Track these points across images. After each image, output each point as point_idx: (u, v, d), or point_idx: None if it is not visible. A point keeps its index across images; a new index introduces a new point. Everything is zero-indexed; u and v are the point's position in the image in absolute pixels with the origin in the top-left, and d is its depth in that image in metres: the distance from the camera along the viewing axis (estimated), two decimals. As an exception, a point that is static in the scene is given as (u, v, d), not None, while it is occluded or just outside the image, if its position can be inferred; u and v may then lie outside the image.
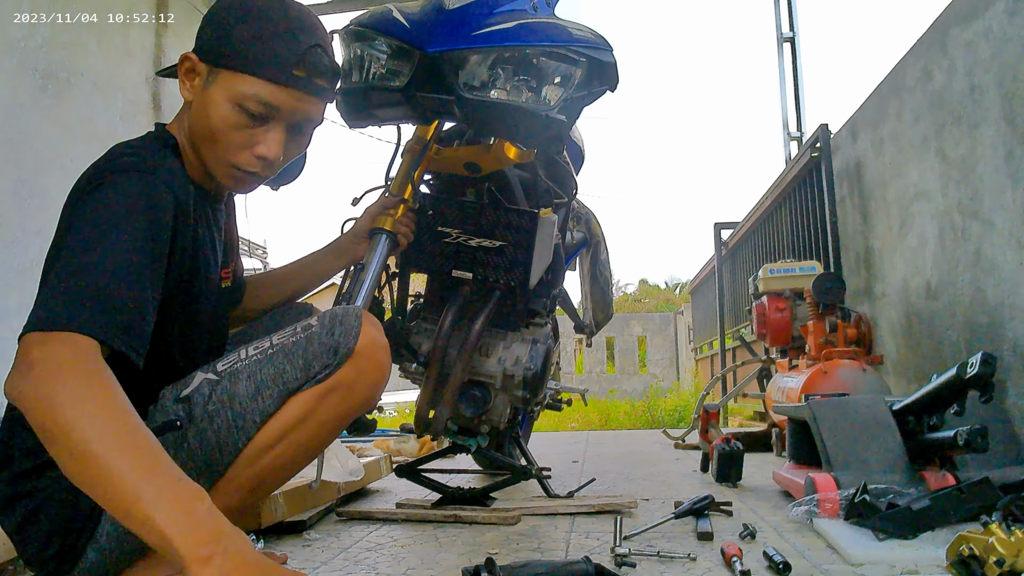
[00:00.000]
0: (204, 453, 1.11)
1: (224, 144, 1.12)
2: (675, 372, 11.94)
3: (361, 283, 1.47)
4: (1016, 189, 2.17)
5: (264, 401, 1.13)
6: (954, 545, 1.15)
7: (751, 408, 5.46)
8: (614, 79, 1.46)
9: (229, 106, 1.09)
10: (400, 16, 1.43)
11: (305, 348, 1.15)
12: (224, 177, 1.16)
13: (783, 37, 5.74)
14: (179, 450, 1.09)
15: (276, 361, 1.14)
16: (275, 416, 1.14)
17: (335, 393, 1.15)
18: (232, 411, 1.12)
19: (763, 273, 3.54)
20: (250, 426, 1.12)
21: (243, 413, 1.12)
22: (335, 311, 1.20)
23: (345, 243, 1.58)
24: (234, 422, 1.12)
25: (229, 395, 1.12)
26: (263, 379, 1.13)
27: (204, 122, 1.11)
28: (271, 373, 1.13)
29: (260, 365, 1.14)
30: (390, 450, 3.09)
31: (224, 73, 1.09)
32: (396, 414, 7.81)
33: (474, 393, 1.78)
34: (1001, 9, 2.22)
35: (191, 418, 1.10)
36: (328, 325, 1.17)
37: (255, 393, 1.13)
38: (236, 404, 1.12)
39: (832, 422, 1.91)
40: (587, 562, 1.20)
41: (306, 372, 1.14)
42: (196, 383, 1.13)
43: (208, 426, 1.11)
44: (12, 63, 2.81)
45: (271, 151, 1.13)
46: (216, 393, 1.12)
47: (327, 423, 1.17)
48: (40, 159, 2.90)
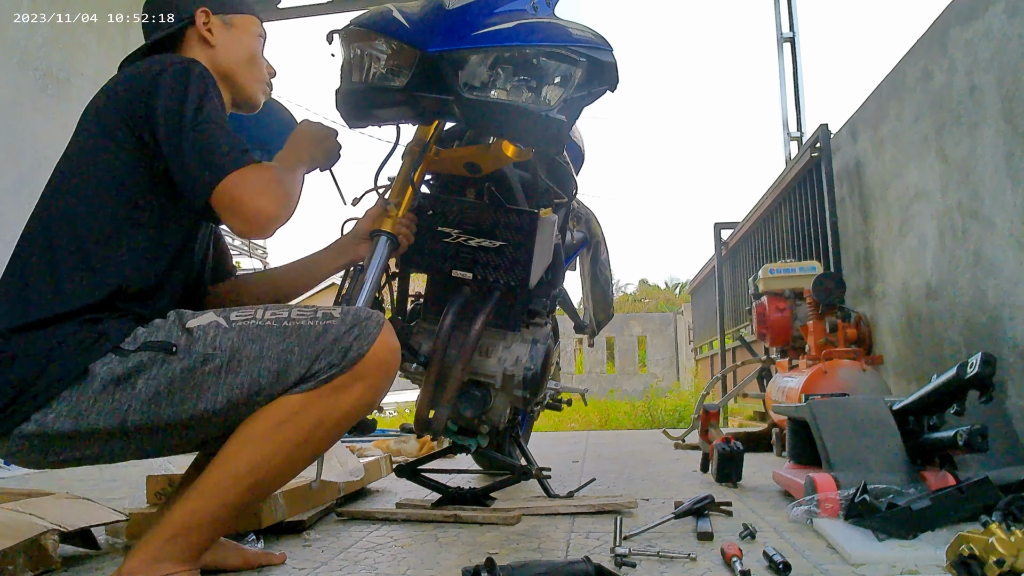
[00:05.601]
0: (179, 387, 1.11)
1: (258, 66, 1.45)
2: (675, 372, 11.94)
3: (361, 284, 1.47)
4: (1016, 189, 2.17)
5: (260, 372, 1.13)
6: (954, 545, 1.15)
7: (751, 408, 5.46)
8: (614, 79, 1.46)
9: (254, 38, 1.44)
10: (400, 16, 1.43)
11: (319, 337, 1.15)
12: (259, 93, 1.46)
13: (783, 37, 5.74)
14: (159, 370, 1.10)
15: (288, 338, 1.15)
16: (273, 410, 1.14)
17: (336, 395, 1.15)
18: (227, 365, 1.12)
19: (763, 273, 3.54)
20: (236, 389, 1.12)
21: (236, 372, 1.12)
22: (360, 312, 1.20)
23: (345, 244, 1.58)
24: (223, 376, 1.12)
25: (232, 349, 1.13)
26: (268, 349, 1.13)
27: (241, 53, 1.41)
28: (278, 349, 1.14)
29: (271, 334, 1.14)
30: (390, 450, 3.09)
31: (237, 17, 1.43)
32: (396, 414, 7.82)
33: (474, 393, 1.78)
34: (1001, 9, 2.22)
35: (187, 350, 1.12)
36: (349, 324, 1.17)
37: (255, 360, 1.13)
38: (233, 361, 1.12)
39: (832, 422, 1.91)
40: (587, 562, 1.20)
41: (311, 363, 1.14)
42: (205, 320, 1.15)
43: (198, 366, 1.11)
44: (12, 63, 2.81)
45: (272, 68, 1.50)
46: (220, 339, 1.13)
47: (325, 424, 1.17)
48: (40, 158, 2.90)
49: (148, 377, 1.11)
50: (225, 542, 1.41)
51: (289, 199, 1.19)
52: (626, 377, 11.99)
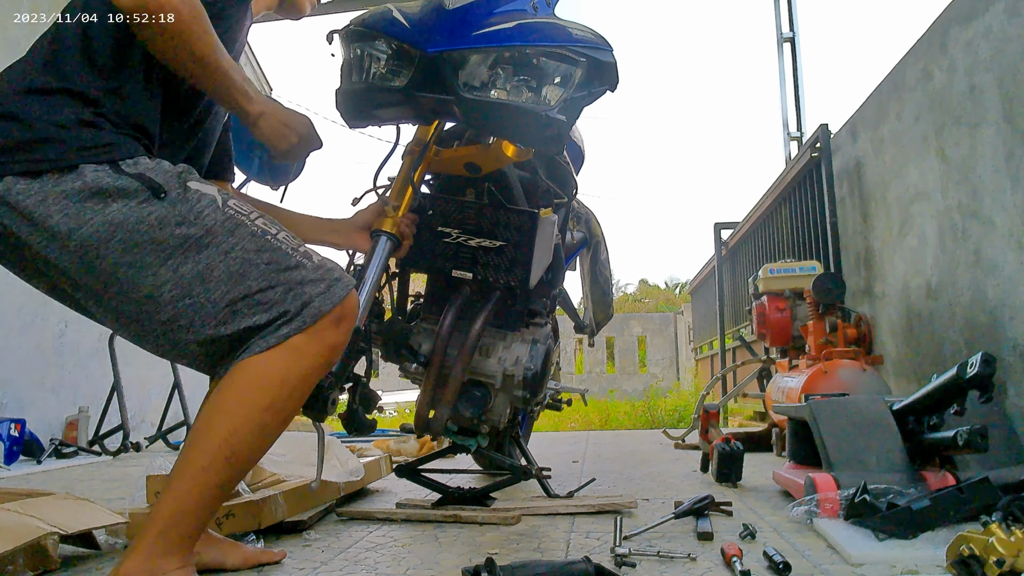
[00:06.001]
0: (142, 232, 1.10)
1: None
2: (675, 372, 11.94)
3: (362, 285, 1.47)
4: (1016, 189, 2.17)
5: (220, 265, 1.11)
6: (954, 545, 1.15)
7: (751, 408, 5.46)
8: (614, 79, 1.46)
9: None
10: (400, 16, 1.43)
11: (288, 270, 1.14)
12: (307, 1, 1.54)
13: (783, 37, 5.75)
14: (137, 205, 1.10)
15: (262, 252, 1.14)
16: (235, 377, 1.12)
17: (295, 354, 1.13)
18: (197, 241, 1.11)
19: (763, 273, 3.54)
20: (189, 266, 1.10)
21: (199, 252, 1.11)
22: (334, 270, 1.19)
23: (343, 225, 1.58)
24: (187, 250, 1.10)
25: (210, 230, 1.12)
26: (239, 250, 1.13)
27: None
28: (247, 254, 1.13)
29: (251, 239, 1.14)
30: (390, 450, 3.09)
31: None
32: (396, 414, 7.82)
33: (474, 393, 1.78)
34: (1001, 9, 2.23)
35: (173, 204, 1.11)
36: (319, 275, 1.16)
37: (223, 251, 1.12)
38: (204, 240, 1.11)
39: (832, 422, 1.91)
40: (587, 562, 1.20)
41: (266, 288, 1.12)
42: (206, 190, 1.15)
43: (171, 225, 1.10)
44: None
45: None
46: (207, 214, 1.13)
47: (287, 383, 1.14)
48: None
49: (124, 205, 1.09)
50: (224, 540, 1.41)
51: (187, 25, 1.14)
52: (626, 377, 11.99)
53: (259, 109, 1.26)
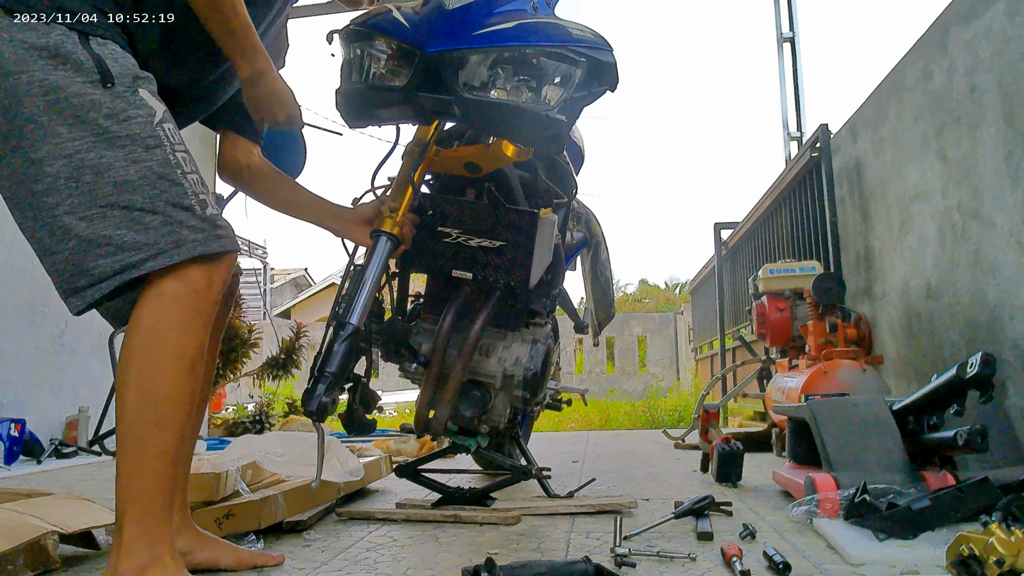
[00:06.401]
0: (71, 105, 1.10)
1: None
2: (675, 372, 11.93)
3: (362, 285, 1.47)
4: (1016, 189, 2.17)
5: (117, 166, 1.10)
6: (954, 545, 1.15)
7: (751, 408, 5.46)
8: (614, 79, 1.46)
9: None
10: (400, 16, 1.43)
11: (173, 208, 1.12)
12: None
13: (783, 37, 5.75)
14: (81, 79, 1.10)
15: (162, 181, 1.13)
16: (129, 340, 1.12)
17: (170, 301, 1.12)
18: (110, 138, 1.11)
19: (763, 273, 3.54)
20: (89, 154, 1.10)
21: (110, 156, 1.10)
22: (222, 228, 1.17)
23: (343, 214, 1.58)
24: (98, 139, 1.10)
25: (129, 134, 1.12)
26: (144, 170, 1.11)
27: None
28: (143, 171, 1.12)
29: (161, 166, 1.13)
30: (390, 450, 3.09)
31: None
32: (396, 414, 7.82)
33: (474, 393, 1.78)
34: (1001, 9, 2.22)
35: (112, 98, 1.12)
36: (203, 227, 1.14)
37: (124, 160, 1.11)
38: (117, 141, 1.11)
39: (832, 422, 1.91)
40: (587, 562, 1.20)
41: (141, 220, 1.10)
42: (153, 105, 1.16)
43: (97, 113, 1.10)
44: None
45: None
46: (135, 119, 1.12)
47: (173, 328, 1.12)
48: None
49: (69, 76, 1.10)
50: (219, 541, 1.41)
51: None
52: (626, 377, 11.98)
53: (261, 67, 1.29)
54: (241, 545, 1.48)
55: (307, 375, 1.41)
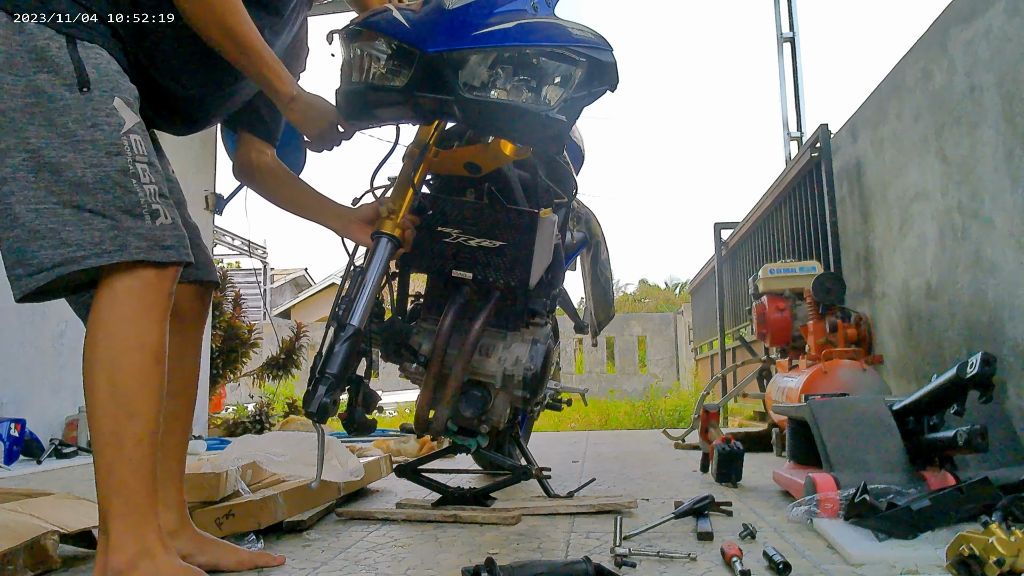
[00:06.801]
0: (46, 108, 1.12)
1: None
2: (675, 372, 11.93)
3: (362, 286, 1.47)
4: (1016, 189, 2.17)
5: (74, 173, 1.11)
6: (954, 545, 1.15)
7: (751, 408, 5.46)
8: (614, 79, 1.45)
9: None
10: (400, 16, 1.43)
11: (122, 214, 1.13)
12: None
13: (783, 37, 5.75)
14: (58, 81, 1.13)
15: (116, 189, 1.13)
16: (91, 334, 1.14)
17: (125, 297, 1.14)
18: (77, 145, 1.12)
19: (763, 273, 3.54)
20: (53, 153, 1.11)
21: (71, 158, 1.11)
22: (167, 239, 1.17)
23: (345, 213, 1.59)
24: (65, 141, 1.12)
25: (91, 138, 1.13)
26: (102, 176, 1.13)
27: None
28: (101, 182, 1.12)
29: (119, 174, 1.14)
30: (390, 450, 3.09)
31: None
32: (396, 414, 7.81)
33: (474, 393, 1.78)
34: (1001, 9, 2.23)
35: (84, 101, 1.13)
36: (151, 236, 1.15)
37: (87, 167, 1.12)
38: (81, 144, 1.12)
39: (832, 422, 1.91)
40: (587, 562, 1.20)
41: (88, 221, 1.11)
42: (125, 113, 1.17)
43: (75, 112, 1.12)
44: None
45: None
46: (101, 126, 1.13)
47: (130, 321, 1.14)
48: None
49: (50, 79, 1.12)
50: (219, 543, 1.41)
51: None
52: (626, 377, 11.98)
53: (292, 91, 1.35)
54: (241, 545, 1.48)
55: (307, 375, 1.41)
